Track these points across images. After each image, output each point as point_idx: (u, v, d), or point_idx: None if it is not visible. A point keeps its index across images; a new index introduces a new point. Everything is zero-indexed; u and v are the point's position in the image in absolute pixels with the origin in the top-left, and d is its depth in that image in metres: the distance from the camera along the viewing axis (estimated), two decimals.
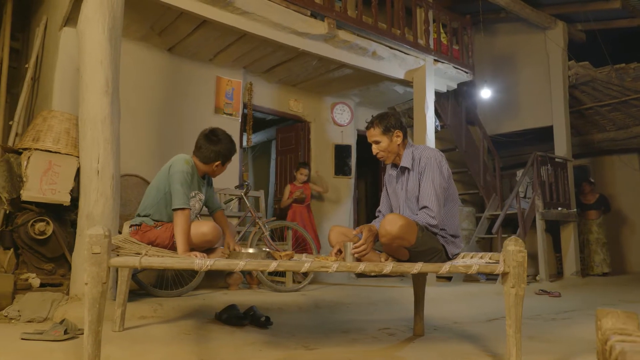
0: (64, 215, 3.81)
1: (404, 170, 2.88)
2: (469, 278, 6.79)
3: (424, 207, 2.63)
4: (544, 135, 8.22)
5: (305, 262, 2.19)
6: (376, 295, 4.95)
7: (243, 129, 6.08)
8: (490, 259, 2.56)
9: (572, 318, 4.30)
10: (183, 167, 2.71)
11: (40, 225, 3.55)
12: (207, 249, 2.79)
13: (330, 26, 5.07)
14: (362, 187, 9.80)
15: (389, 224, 2.46)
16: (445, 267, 2.34)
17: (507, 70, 8.56)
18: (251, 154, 9.42)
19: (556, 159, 7.66)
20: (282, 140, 7.04)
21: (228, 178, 5.63)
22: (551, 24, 7.83)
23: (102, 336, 2.71)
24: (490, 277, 6.85)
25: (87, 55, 3.61)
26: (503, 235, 6.96)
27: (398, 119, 2.88)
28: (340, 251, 2.72)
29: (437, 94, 7.03)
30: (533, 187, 7.25)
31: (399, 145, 2.86)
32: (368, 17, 5.61)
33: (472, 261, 2.52)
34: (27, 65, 5.27)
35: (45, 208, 3.66)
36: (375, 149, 2.91)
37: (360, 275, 6.58)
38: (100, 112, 3.55)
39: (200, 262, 2.05)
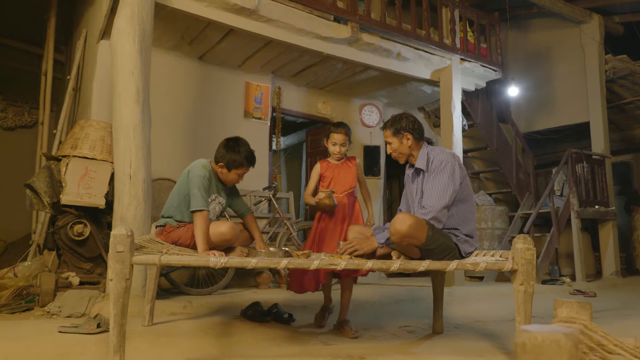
0: (101, 217, 4.06)
1: (418, 171, 2.95)
2: (502, 278, 6.71)
3: (422, 206, 2.72)
4: (582, 131, 8.03)
5: (315, 260, 2.30)
6: (402, 294, 4.99)
7: (272, 132, 6.24)
8: (500, 256, 2.60)
9: (600, 318, 4.22)
10: (200, 172, 2.88)
11: (78, 227, 3.80)
12: (227, 248, 2.94)
13: (353, 30, 5.15)
14: (396, 188, 9.81)
15: (398, 223, 2.54)
16: (452, 265, 2.40)
17: (541, 66, 8.42)
18: (284, 156, 9.60)
19: (593, 156, 7.47)
20: (311, 142, 7.18)
21: (258, 180, 5.81)
22: (586, 18, 7.64)
23: (132, 330, 2.91)
24: None
25: (119, 66, 3.84)
26: (536, 235, 6.86)
27: (410, 122, 2.95)
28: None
29: (467, 93, 7.00)
30: (568, 185, 7.11)
31: (410, 147, 2.94)
32: (392, 19, 5.66)
33: (481, 259, 2.56)
34: (68, 77, 5.60)
35: (84, 211, 3.91)
36: (388, 149, 3.01)
37: (391, 275, 6.62)
38: (132, 120, 3.76)
39: (215, 260, 2.18)
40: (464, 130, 6.45)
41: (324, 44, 5.18)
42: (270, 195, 5.29)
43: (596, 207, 7.22)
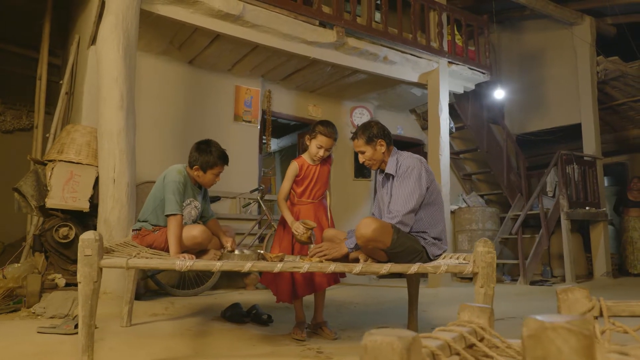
0: (87, 220, 4.15)
1: (388, 176, 3.02)
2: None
3: (390, 211, 2.78)
4: (575, 132, 8.06)
5: (278, 263, 2.37)
6: (387, 295, 5.06)
7: (263, 135, 6.32)
8: (464, 259, 2.66)
9: None
10: (175, 177, 2.96)
11: (63, 230, 3.90)
12: (200, 251, 3.02)
13: (339, 34, 5.23)
14: None
15: (363, 227, 2.60)
16: (413, 268, 2.46)
17: (534, 68, 8.46)
18: (279, 158, 9.69)
19: (584, 157, 7.50)
20: (303, 144, 7.25)
21: (248, 182, 5.89)
22: (577, 20, 7.68)
23: (110, 330, 3.00)
24: (515, 277, 6.81)
25: (103, 72, 3.94)
26: (525, 236, 6.90)
27: (381, 128, 3.02)
28: None
29: (457, 95, 7.05)
30: (558, 187, 7.14)
31: (383, 153, 3.01)
32: (380, 23, 5.73)
33: (443, 261, 2.62)
34: (61, 82, 5.70)
35: (70, 214, 4.01)
36: (361, 158, 3.07)
37: (382, 276, 6.67)
38: (115, 126, 3.86)
39: (181, 263, 2.26)
40: (451, 132, 6.51)
41: (310, 48, 5.26)
42: (258, 197, 5.37)
43: (587, 208, 7.25)
